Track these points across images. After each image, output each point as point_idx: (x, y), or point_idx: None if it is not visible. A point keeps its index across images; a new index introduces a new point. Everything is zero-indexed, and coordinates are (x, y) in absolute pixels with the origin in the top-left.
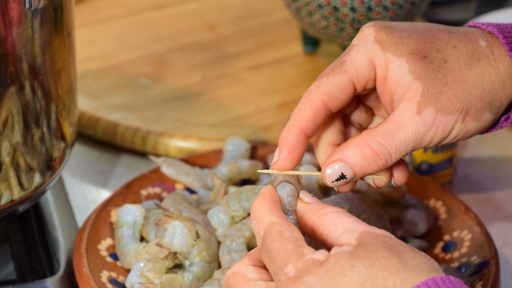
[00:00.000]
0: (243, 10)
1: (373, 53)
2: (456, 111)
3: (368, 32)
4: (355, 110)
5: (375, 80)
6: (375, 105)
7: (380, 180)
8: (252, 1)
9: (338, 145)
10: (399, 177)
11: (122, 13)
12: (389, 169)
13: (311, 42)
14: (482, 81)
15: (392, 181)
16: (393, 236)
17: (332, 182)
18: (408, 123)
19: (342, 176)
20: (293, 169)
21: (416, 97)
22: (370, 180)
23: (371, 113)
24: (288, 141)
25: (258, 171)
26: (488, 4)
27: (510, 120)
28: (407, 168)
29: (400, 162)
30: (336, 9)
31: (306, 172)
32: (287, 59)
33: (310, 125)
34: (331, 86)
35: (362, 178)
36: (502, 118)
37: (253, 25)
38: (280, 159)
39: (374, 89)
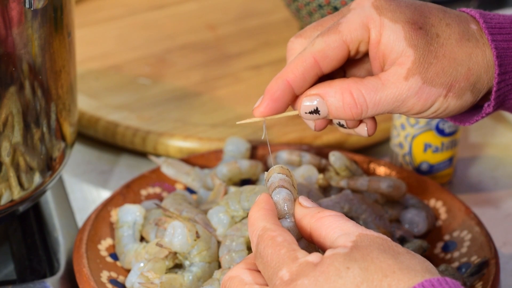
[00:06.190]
0: (243, 10)
1: (368, 17)
2: (441, 85)
3: None
4: (336, 75)
5: (368, 42)
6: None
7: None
8: (252, 1)
9: None
10: (370, 128)
11: (122, 13)
12: (360, 120)
13: None
14: (469, 61)
15: (366, 133)
16: (389, 238)
17: (305, 113)
18: (393, 85)
19: (316, 111)
20: (287, 174)
21: (407, 64)
22: (341, 121)
23: None
24: (272, 90)
25: (237, 122)
26: (488, 4)
27: (492, 105)
28: (376, 121)
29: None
30: (336, 9)
31: (284, 114)
32: None
33: (298, 79)
34: (324, 45)
35: (331, 120)
36: (485, 104)
37: (253, 25)
38: (261, 106)
39: (360, 61)
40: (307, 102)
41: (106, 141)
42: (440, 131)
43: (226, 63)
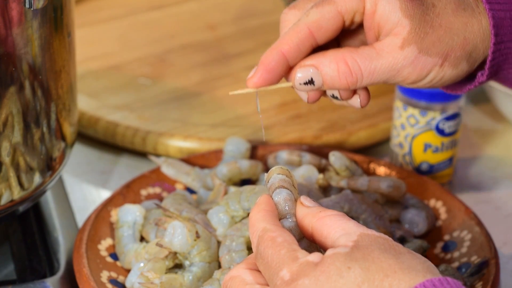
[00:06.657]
0: (243, 10)
1: None
2: (436, 55)
3: None
4: (331, 46)
5: (363, 13)
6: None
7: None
8: (252, 1)
9: None
10: (363, 99)
11: (122, 13)
12: (354, 91)
13: None
14: (465, 30)
15: (359, 104)
16: (390, 238)
17: (300, 84)
18: (389, 54)
19: (311, 82)
20: (287, 174)
21: (403, 34)
22: (334, 92)
23: None
24: (267, 61)
25: (230, 93)
26: None
27: (486, 74)
28: (369, 92)
29: (364, 88)
30: None
31: (277, 85)
32: None
33: (292, 50)
34: (319, 16)
35: (325, 92)
36: (479, 73)
37: (253, 25)
38: (254, 76)
39: (354, 31)
40: (301, 73)
41: (106, 141)
42: (440, 131)
43: (226, 63)
